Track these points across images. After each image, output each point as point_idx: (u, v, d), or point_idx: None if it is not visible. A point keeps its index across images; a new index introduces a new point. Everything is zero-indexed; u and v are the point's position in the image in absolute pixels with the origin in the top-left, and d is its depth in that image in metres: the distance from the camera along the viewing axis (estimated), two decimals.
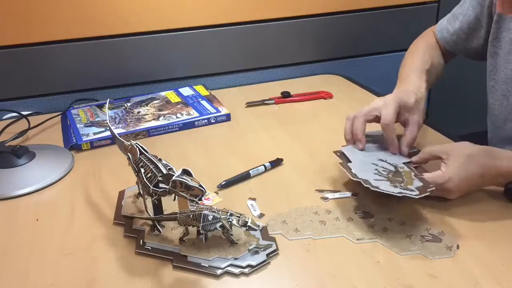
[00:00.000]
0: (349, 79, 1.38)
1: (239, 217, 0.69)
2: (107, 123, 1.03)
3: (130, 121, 1.11)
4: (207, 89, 1.28)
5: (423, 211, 0.78)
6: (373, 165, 0.81)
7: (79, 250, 0.73)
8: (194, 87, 1.29)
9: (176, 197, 0.73)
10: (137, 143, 0.75)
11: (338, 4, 1.40)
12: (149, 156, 0.73)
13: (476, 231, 0.74)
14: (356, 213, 0.79)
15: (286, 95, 1.23)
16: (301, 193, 0.85)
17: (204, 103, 1.19)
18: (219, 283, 0.66)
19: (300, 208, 0.80)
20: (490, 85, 0.97)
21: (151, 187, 0.70)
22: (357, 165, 0.81)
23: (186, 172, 0.67)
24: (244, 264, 0.67)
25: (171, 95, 1.24)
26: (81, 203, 0.85)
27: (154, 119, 1.12)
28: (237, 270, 0.67)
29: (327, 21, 1.41)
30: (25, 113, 1.16)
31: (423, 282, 0.65)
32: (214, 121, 1.13)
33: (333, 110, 1.18)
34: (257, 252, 0.69)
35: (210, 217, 0.69)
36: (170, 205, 0.78)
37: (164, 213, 0.76)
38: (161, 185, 0.70)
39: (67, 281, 0.67)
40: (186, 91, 1.27)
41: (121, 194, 0.85)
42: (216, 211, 0.69)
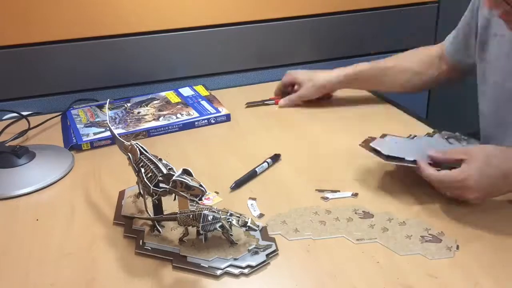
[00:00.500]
0: None
1: (239, 217, 0.69)
2: (107, 123, 1.03)
3: (130, 122, 1.11)
4: (207, 89, 1.28)
5: (423, 211, 0.78)
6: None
7: (79, 250, 0.73)
8: (194, 87, 1.29)
9: (176, 197, 0.73)
10: (137, 143, 0.75)
11: (338, 4, 1.40)
12: (149, 156, 0.73)
13: (476, 231, 0.74)
14: (356, 213, 0.79)
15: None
16: (301, 193, 0.85)
17: (204, 103, 1.19)
18: (219, 283, 0.66)
19: (300, 208, 0.80)
20: (481, 90, 0.97)
21: (152, 187, 0.70)
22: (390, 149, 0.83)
23: (186, 172, 0.67)
24: (244, 265, 0.67)
25: (171, 95, 1.24)
26: (81, 203, 0.85)
27: (154, 119, 1.12)
28: (237, 271, 0.67)
29: (327, 21, 1.41)
30: (25, 113, 1.16)
31: (423, 282, 0.65)
32: (214, 122, 1.13)
33: (333, 110, 1.18)
34: (257, 253, 0.69)
35: (210, 217, 0.69)
36: (170, 205, 0.78)
37: (164, 213, 0.76)
38: (161, 185, 0.70)
39: (67, 281, 0.68)
40: (186, 91, 1.27)
41: (121, 194, 0.85)
42: (216, 211, 0.69)
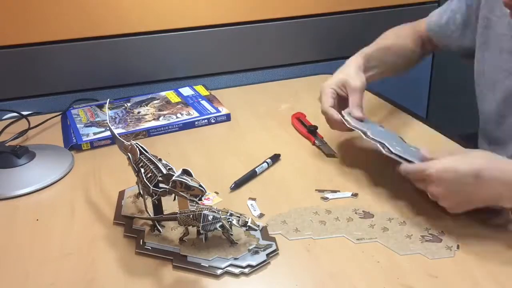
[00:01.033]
0: None
1: (239, 217, 0.69)
2: (107, 123, 1.03)
3: (130, 121, 1.11)
4: (207, 89, 1.28)
5: (423, 211, 0.78)
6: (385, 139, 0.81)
7: (79, 250, 0.73)
8: (194, 87, 1.29)
9: (176, 197, 0.73)
10: (137, 143, 0.75)
11: (338, 4, 1.40)
12: (149, 156, 0.73)
13: (476, 231, 0.74)
14: (356, 213, 0.79)
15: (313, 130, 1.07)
16: (301, 193, 0.85)
17: (204, 103, 1.19)
18: (219, 283, 0.66)
19: (300, 208, 0.80)
20: (479, 89, 0.97)
21: (151, 187, 0.70)
22: (372, 131, 0.82)
23: (186, 172, 0.67)
24: (244, 264, 0.67)
25: (171, 95, 1.24)
26: (81, 203, 0.85)
27: (154, 119, 1.12)
28: (237, 270, 0.67)
29: (327, 21, 1.41)
30: (25, 113, 1.16)
31: (423, 282, 0.65)
32: (214, 121, 1.13)
33: None
34: (257, 252, 0.69)
35: (210, 217, 0.69)
36: (170, 205, 0.78)
37: (164, 213, 0.76)
38: (161, 185, 0.70)
39: (67, 281, 0.68)
40: (186, 91, 1.27)
41: (121, 194, 0.85)
42: (216, 211, 0.69)
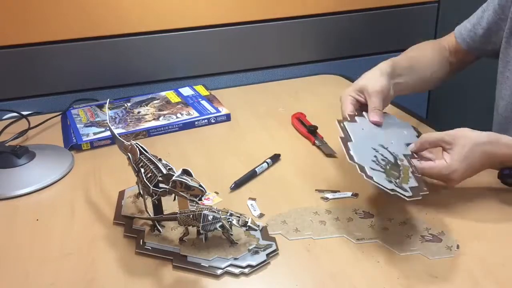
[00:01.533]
0: (349, 79, 1.37)
1: (239, 217, 0.69)
2: (107, 123, 1.03)
3: (130, 121, 1.11)
4: (207, 89, 1.28)
5: (423, 211, 0.78)
6: (373, 150, 0.78)
7: (79, 250, 0.73)
8: (194, 87, 1.29)
9: (176, 197, 0.73)
10: (137, 143, 0.75)
11: (338, 4, 1.40)
12: (149, 156, 0.73)
13: (476, 231, 0.74)
14: (356, 213, 0.79)
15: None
16: (301, 193, 0.85)
17: (204, 103, 1.19)
18: (219, 283, 0.66)
19: (300, 208, 0.80)
20: (505, 76, 0.96)
21: (151, 187, 0.70)
22: (357, 146, 0.78)
23: (186, 172, 0.67)
24: (244, 264, 0.67)
25: (171, 95, 1.24)
26: (81, 203, 0.85)
27: (154, 119, 1.12)
28: (237, 270, 0.67)
29: (327, 21, 1.41)
30: (25, 113, 1.16)
31: (423, 282, 0.65)
32: (214, 121, 1.13)
33: (333, 111, 1.18)
34: (257, 252, 0.69)
35: (210, 217, 0.69)
36: (170, 205, 0.78)
37: (164, 213, 0.76)
38: (161, 185, 0.70)
39: (67, 281, 0.68)
40: (186, 91, 1.27)
41: (121, 194, 0.85)
42: (216, 211, 0.69)
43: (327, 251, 0.71)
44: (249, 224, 0.69)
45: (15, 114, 1.17)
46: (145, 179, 0.71)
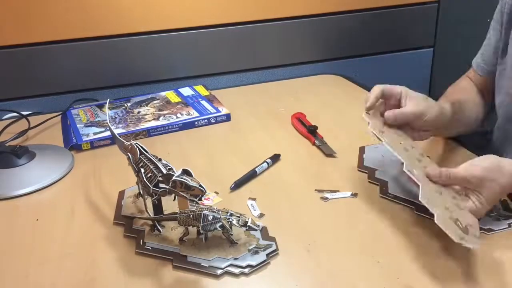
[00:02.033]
0: (349, 79, 1.38)
1: (239, 217, 0.69)
2: (107, 123, 1.03)
3: (130, 121, 1.11)
4: (207, 89, 1.28)
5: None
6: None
7: (79, 250, 0.73)
8: (194, 87, 1.29)
9: (176, 197, 0.73)
10: (137, 143, 0.75)
11: (338, 4, 1.40)
12: (149, 156, 0.73)
13: None
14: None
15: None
16: (301, 193, 0.85)
17: (204, 103, 1.19)
18: (219, 283, 0.66)
19: (299, 208, 0.80)
20: (501, 84, 0.94)
21: (151, 187, 0.70)
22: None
23: (186, 172, 0.67)
24: (244, 264, 0.67)
25: (171, 95, 1.24)
26: (81, 203, 0.85)
27: (154, 119, 1.12)
28: (237, 270, 0.67)
29: (327, 21, 1.41)
30: (25, 113, 1.16)
31: (423, 282, 0.65)
32: (214, 121, 1.13)
33: (333, 111, 1.18)
34: (257, 252, 0.69)
35: (210, 217, 0.69)
36: (170, 205, 0.78)
37: (164, 213, 0.76)
38: (161, 185, 0.70)
39: (67, 281, 0.67)
40: (186, 91, 1.27)
41: (121, 194, 0.85)
42: (216, 211, 0.69)
43: (327, 251, 0.71)
44: (249, 224, 0.69)
45: (15, 114, 1.17)
46: (145, 179, 0.71)
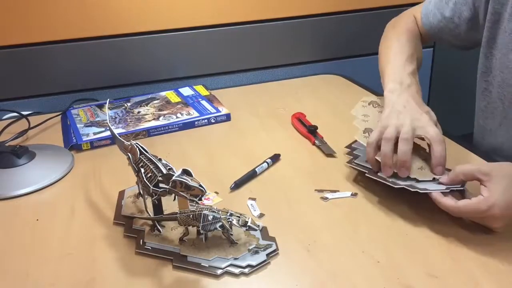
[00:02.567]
0: (349, 79, 1.38)
1: (239, 217, 0.69)
2: (107, 123, 1.03)
3: (130, 121, 1.11)
4: (207, 89, 1.28)
5: (423, 211, 0.78)
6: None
7: (79, 250, 0.73)
8: (194, 87, 1.29)
9: (176, 197, 0.73)
10: (137, 143, 0.75)
11: (338, 4, 1.40)
12: (149, 156, 0.73)
13: (476, 231, 0.73)
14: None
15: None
16: (301, 193, 0.85)
17: (204, 103, 1.19)
18: (219, 283, 0.66)
19: (299, 208, 0.80)
20: (482, 87, 0.95)
21: (151, 187, 0.70)
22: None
23: (186, 172, 0.67)
24: (244, 264, 0.67)
25: (171, 95, 1.24)
26: (81, 203, 0.85)
27: (154, 119, 1.12)
28: (237, 270, 0.67)
29: (326, 21, 1.41)
30: (25, 113, 1.16)
31: (423, 282, 0.65)
32: (214, 121, 1.13)
33: (333, 111, 1.18)
34: (257, 252, 0.69)
35: (210, 217, 0.69)
36: (170, 205, 0.78)
37: (164, 213, 0.76)
38: (161, 185, 0.70)
39: (67, 281, 0.67)
40: (186, 91, 1.27)
41: (121, 194, 0.85)
42: (216, 211, 0.69)
43: (327, 251, 0.71)
44: (249, 224, 0.69)
45: (15, 114, 1.17)
46: (145, 179, 0.71)
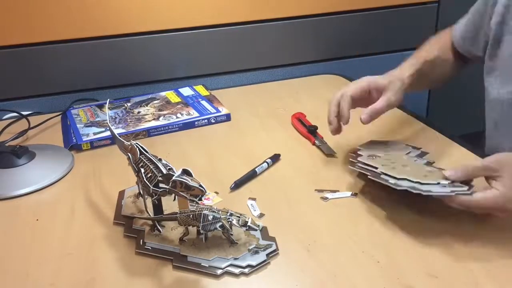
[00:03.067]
0: (349, 79, 1.38)
1: (239, 217, 0.69)
2: (107, 123, 1.03)
3: (130, 121, 1.11)
4: (207, 89, 1.28)
5: (422, 211, 0.78)
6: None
7: (79, 250, 0.73)
8: (194, 87, 1.29)
9: (176, 197, 0.73)
10: (137, 143, 0.75)
11: (338, 4, 1.40)
12: (149, 156, 0.73)
13: (476, 230, 0.74)
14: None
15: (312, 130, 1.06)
16: (301, 193, 0.85)
17: (204, 103, 1.19)
18: (219, 283, 0.66)
19: (299, 208, 0.80)
20: (491, 87, 0.96)
21: (151, 187, 0.70)
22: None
23: (186, 172, 0.67)
24: (244, 264, 0.67)
25: (171, 95, 1.24)
26: (81, 203, 0.85)
27: (154, 119, 1.12)
28: (237, 270, 0.67)
29: (327, 21, 1.41)
30: (25, 113, 1.16)
31: (423, 282, 0.65)
32: (214, 121, 1.13)
33: None
34: (257, 252, 0.69)
35: (210, 217, 0.69)
36: (170, 205, 0.78)
37: (164, 213, 0.76)
38: (161, 185, 0.70)
39: (67, 281, 0.68)
40: (186, 91, 1.27)
41: (121, 194, 0.85)
42: (216, 211, 0.69)
43: (327, 251, 0.71)
44: (249, 224, 0.69)
45: (15, 114, 1.17)
46: (145, 179, 0.71)
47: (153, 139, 1.07)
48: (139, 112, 1.15)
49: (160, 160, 0.72)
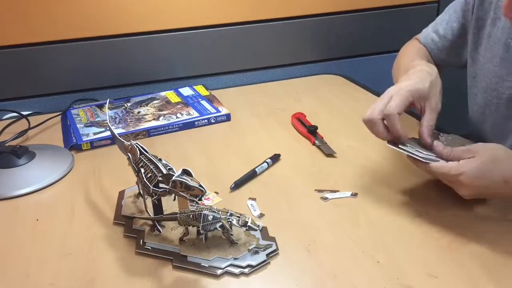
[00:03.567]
0: (349, 79, 1.38)
1: (239, 217, 0.69)
2: (107, 123, 1.03)
3: (130, 121, 1.11)
4: (207, 89, 1.28)
5: (423, 211, 0.78)
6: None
7: (79, 250, 0.73)
8: (194, 87, 1.29)
9: (176, 197, 0.73)
10: (137, 143, 0.75)
11: (338, 4, 1.40)
12: (149, 156, 0.73)
13: (476, 230, 0.74)
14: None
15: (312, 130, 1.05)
16: (301, 193, 0.85)
17: (204, 103, 1.19)
18: (219, 283, 0.66)
19: (299, 208, 0.80)
20: (473, 93, 0.95)
21: (151, 187, 0.70)
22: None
23: (186, 172, 0.67)
24: (244, 264, 0.67)
25: (171, 95, 1.24)
26: (81, 203, 0.85)
27: (154, 119, 1.12)
28: (237, 270, 0.67)
29: (327, 21, 1.41)
30: (25, 113, 1.16)
31: (423, 282, 0.65)
32: (214, 121, 1.13)
33: (333, 111, 1.18)
34: (257, 252, 0.69)
35: (210, 217, 0.69)
36: (170, 205, 0.78)
37: (164, 213, 0.76)
38: (161, 185, 0.70)
39: (67, 281, 0.68)
40: (186, 91, 1.27)
41: (121, 194, 0.85)
42: (216, 211, 0.69)
43: (327, 251, 0.71)
44: (249, 224, 0.69)
45: (15, 114, 1.17)
46: (145, 179, 0.71)
47: (153, 139, 1.07)
48: (139, 112, 1.15)
49: (160, 160, 0.72)
